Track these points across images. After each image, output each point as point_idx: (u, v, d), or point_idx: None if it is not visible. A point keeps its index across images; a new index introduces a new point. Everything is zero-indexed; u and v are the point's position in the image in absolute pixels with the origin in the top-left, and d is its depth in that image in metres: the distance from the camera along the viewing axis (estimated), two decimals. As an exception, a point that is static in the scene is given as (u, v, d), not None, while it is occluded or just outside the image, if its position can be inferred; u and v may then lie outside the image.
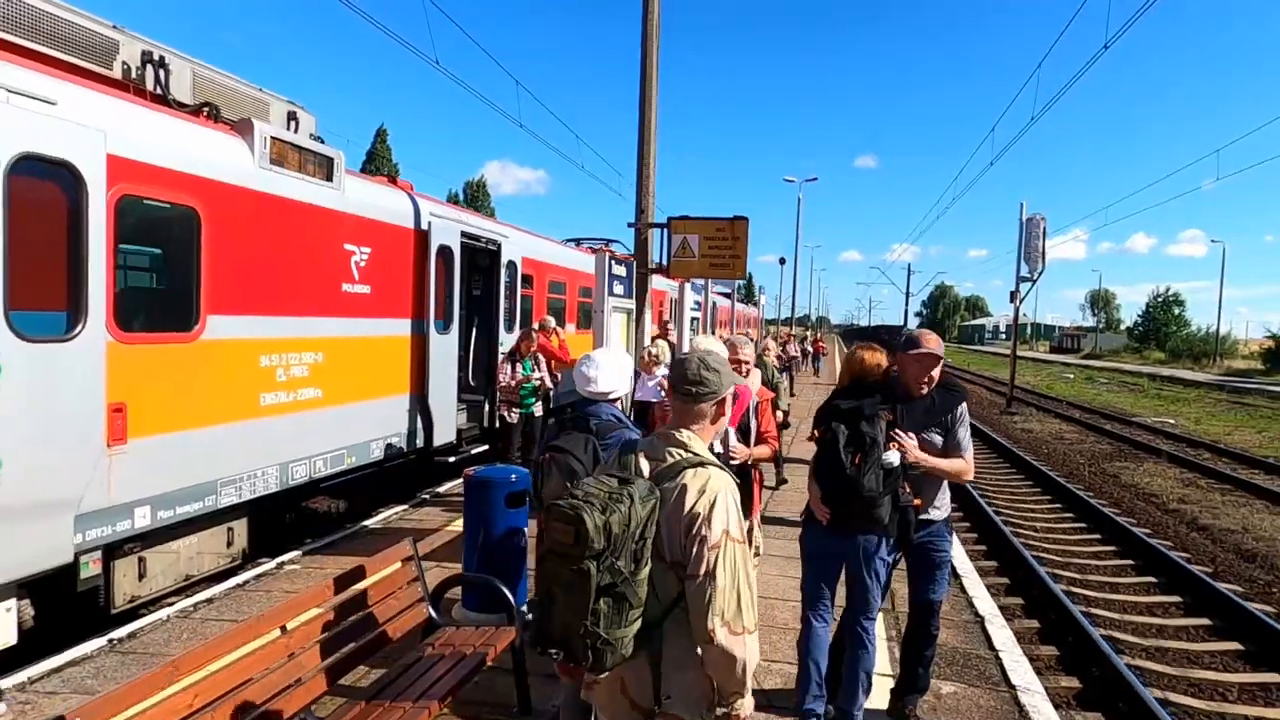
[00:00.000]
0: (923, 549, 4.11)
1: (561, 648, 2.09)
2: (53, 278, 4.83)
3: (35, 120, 4.60)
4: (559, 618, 2.07)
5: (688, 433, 2.34)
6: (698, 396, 2.36)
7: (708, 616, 2.08)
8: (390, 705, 3.24)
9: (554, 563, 2.08)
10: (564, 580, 2.05)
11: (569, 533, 2.02)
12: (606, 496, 2.08)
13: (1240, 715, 5.63)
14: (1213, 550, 9.93)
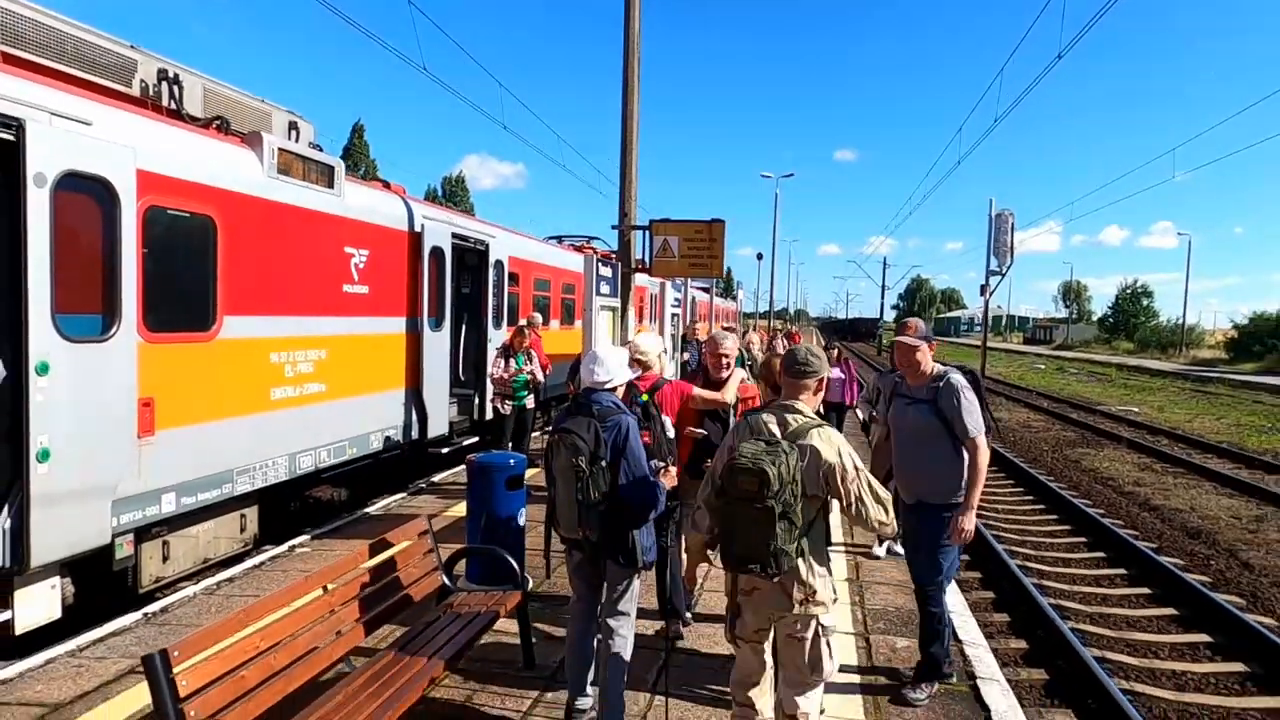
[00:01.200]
0: None
1: (748, 564, 3.02)
2: (91, 283, 5.28)
3: (76, 140, 5.05)
4: (743, 545, 3.02)
5: (799, 403, 3.32)
6: (805, 375, 3.34)
7: (868, 517, 3.15)
8: (418, 654, 3.76)
9: (738, 505, 2.99)
10: (751, 517, 2.96)
11: (754, 482, 2.92)
12: (769, 453, 2.98)
13: (1168, 670, 6.27)
14: (1160, 528, 10.63)
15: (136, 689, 4.34)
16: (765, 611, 3.26)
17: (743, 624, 3.33)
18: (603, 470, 3.52)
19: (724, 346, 5.36)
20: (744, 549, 3.02)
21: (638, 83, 8.85)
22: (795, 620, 3.23)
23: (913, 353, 4.43)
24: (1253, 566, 8.91)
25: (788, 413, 3.30)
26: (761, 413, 3.40)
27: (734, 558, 3.08)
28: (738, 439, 3.28)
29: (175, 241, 6.03)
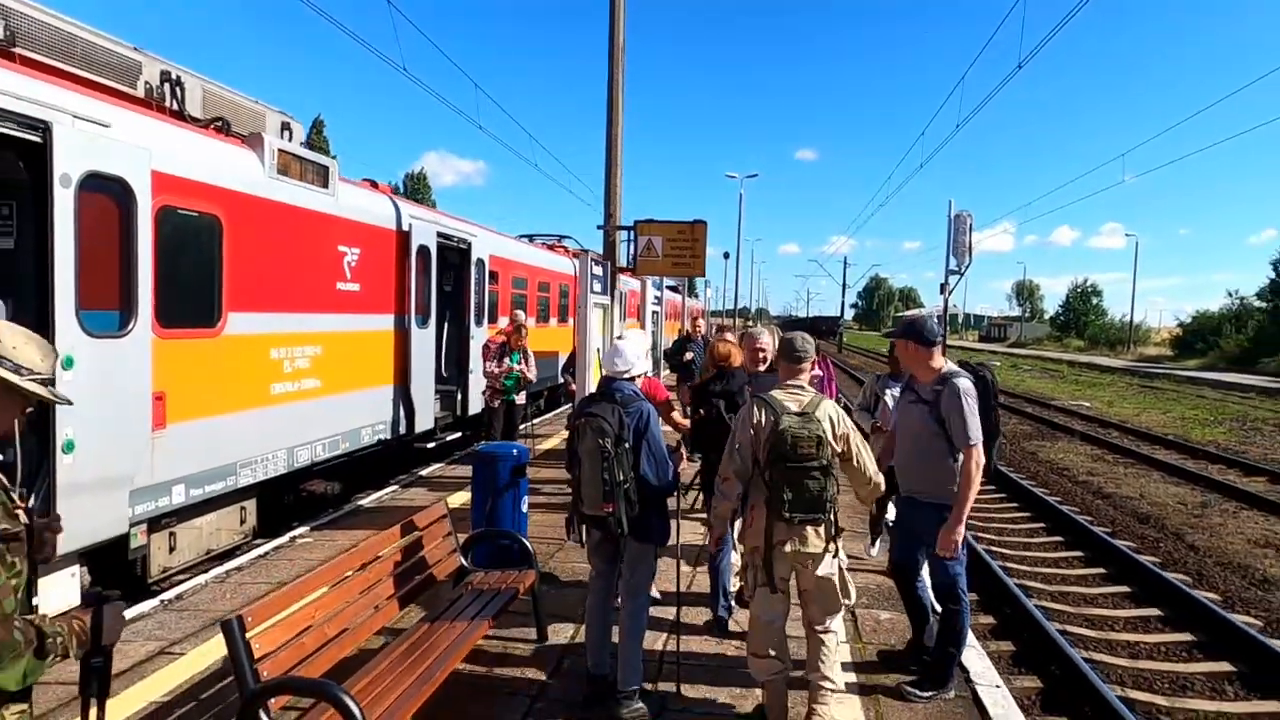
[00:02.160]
0: None
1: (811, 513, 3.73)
2: (110, 280, 5.45)
3: (97, 142, 5.23)
4: (802, 500, 3.72)
5: (802, 382, 3.99)
6: (802, 359, 4.02)
7: (868, 471, 3.95)
8: (452, 624, 4.05)
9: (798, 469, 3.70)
10: (809, 475, 3.71)
11: (812, 445, 3.71)
12: (808, 422, 3.75)
13: (1122, 640, 6.78)
14: (1113, 514, 11.25)
15: (170, 668, 4.56)
16: (792, 559, 3.82)
17: (772, 575, 3.84)
18: (626, 452, 3.85)
19: (761, 341, 5.74)
20: (805, 503, 3.72)
21: (622, 90, 9.17)
22: (822, 559, 3.82)
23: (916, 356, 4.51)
24: (1198, 548, 9.54)
25: (797, 391, 3.93)
26: (774, 392, 3.91)
27: (800, 510, 3.73)
28: (768, 416, 3.83)
29: (185, 239, 6.20)
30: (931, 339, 4.51)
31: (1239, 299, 50.19)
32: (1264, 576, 8.49)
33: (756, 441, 3.82)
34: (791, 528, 3.75)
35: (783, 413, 3.79)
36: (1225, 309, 50.96)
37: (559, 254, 19.22)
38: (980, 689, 4.63)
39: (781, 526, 3.76)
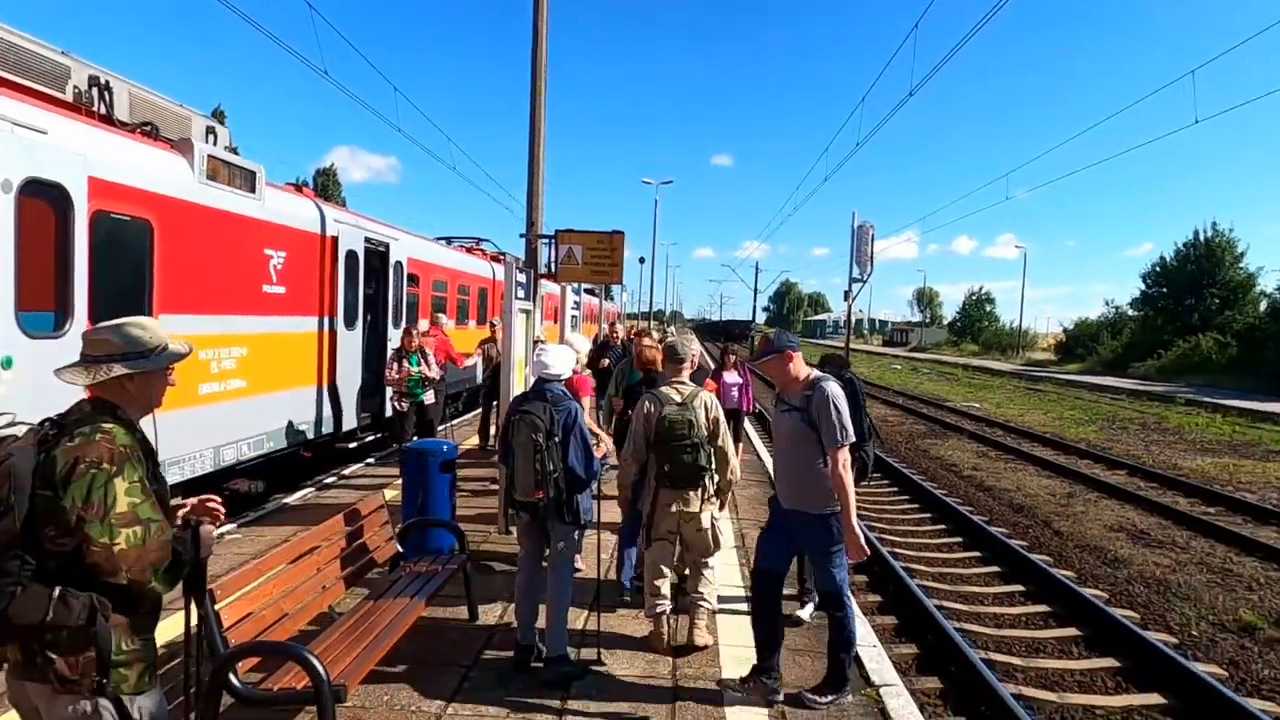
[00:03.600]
0: None
1: (687, 481, 4.81)
2: (47, 283, 5.60)
3: (36, 149, 5.39)
4: (680, 470, 4.79)
5: (684, 377, 5.06)
6: (681, 360, 5.11)
7: (728, 452, 5.01)
8: (394, 601, 4.46)
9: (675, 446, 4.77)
10: (684, 451, 4.76)
11: (685, 427, 4.78)
12: (683, 410, 4.81)
13: (990, 613, 7.66)
14: (992, 505, 12.36)
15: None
16: (676, 516, 4.92)
17: (658, 529, 4.99)
18: (556, 445, 4.35)
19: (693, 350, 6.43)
20: (682, 473, 4.80)
21: (544, 104, 9.62)
22: (700, 516, 4.94)
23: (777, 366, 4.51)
24: (1061, 533, 10.65)
25: (679, 385, 5.02)
26: (661, 388, 4.94)
27: (678, 480, 4.82)
28: (656, 407, 4.88)
29: (118, 243, 6.36)
30: (787, 347, 4.51)
31: (1115, 308, 54.10)
32: (1114, 557, 9.60)
33: (648, 427, 4.85)
34: (674, 492, 4.83)
35: (666, 403, 4.87)
36: (1103, 317, 54.82)
37: (477, 257, 19.49)
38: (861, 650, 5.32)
39: (666, 491, 4.85)
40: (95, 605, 2.17)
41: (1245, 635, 7.28)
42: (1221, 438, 20.71)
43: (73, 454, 2.17)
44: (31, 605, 2.11)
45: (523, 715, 4.24)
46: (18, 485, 2.12)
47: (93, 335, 2.42)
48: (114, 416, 2.33)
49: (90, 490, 2.14)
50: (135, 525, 2.18)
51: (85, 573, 2.15)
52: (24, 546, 2.13)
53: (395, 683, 4.49)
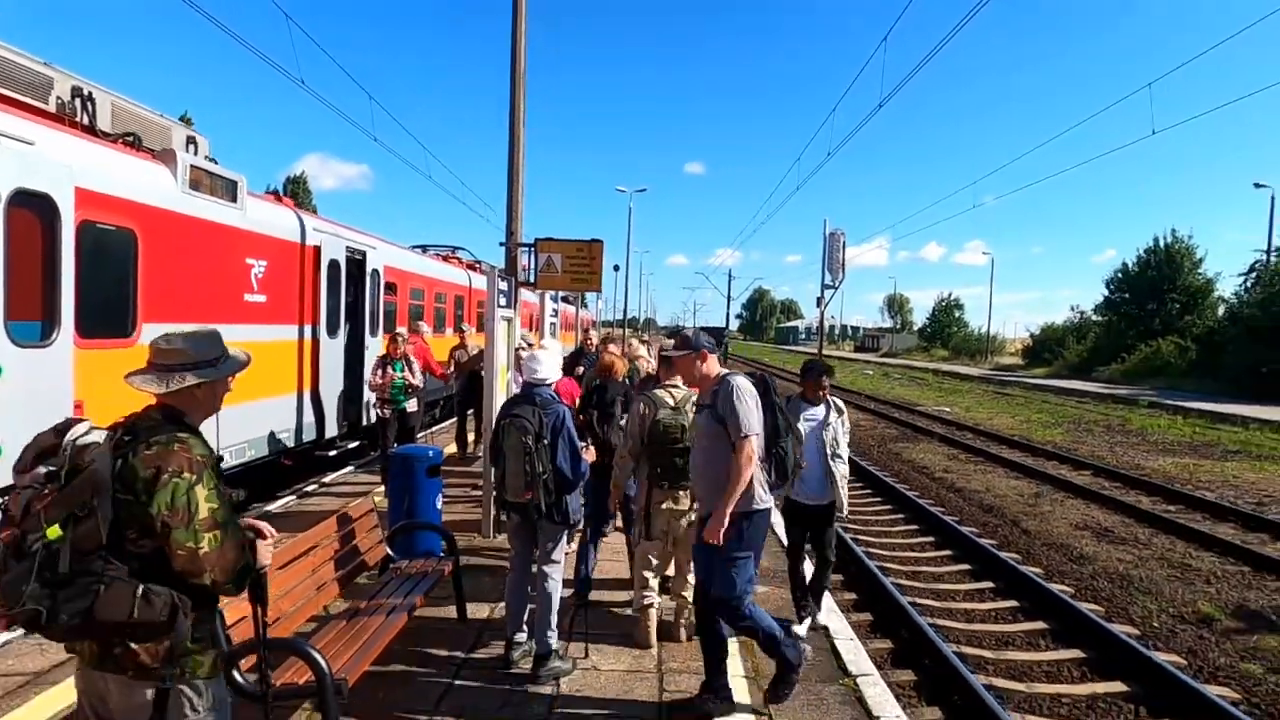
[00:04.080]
0: None
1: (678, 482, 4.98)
2: (35, 292, 5.65)
3: (24, 160, 5.44)
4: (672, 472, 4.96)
5: (677, 381, 5.14)
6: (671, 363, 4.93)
7: None
8: (387, 601, 4.57)
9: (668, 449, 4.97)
10: (676, 454, 4.93)
11: (677, 431, 4.95)
12: (676, 414, 5.01)
13: (963, 610, 7.90)
14: (962, 505, 12.66)
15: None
16: (667, 514, 5.10)
17: (653, 528, 5.11)
18: (545, 447, 4.49)
19: None
20: (673, 474, 4.99)
21: (523, 116, 9.77)
22: (690, 514, 5.07)
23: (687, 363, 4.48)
24: (1029, 532, 10.96)
25: (673, 389, 5.18)
26: (655, 391, 5.09)
27: (669, 479, 5.03)
28: (651, 409, 5.07)
29: (103, 253, 6.41)
30: (702, 347, 4.43)
31: (1080, 313, 55.21)
32: (1080, 553, 9.91)
33: (642, 428, 5.04)
34: (666, 492, 5.04)
35: (661, 407, 5.07)
36: (1068, 322, 55.91)
37: (453, 265, 19.55)
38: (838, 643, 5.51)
39: (658, 491, 5.04)
40: (176, 602, 2.30)
41: (1203, 626, 7.58)
42: (1182, 439, 21.29)
43: (153, 463, 2.29)
44: (118, 603, 2.22)
45: (514, 710, 4.37)
46: (100, 491, 2.24)
47: (164, 345, 2.53)
48: (185, 425, 2.46)
49: (174, 498, 2.27)
50: (216, 530, 2.33)
51: (165, 572, 2.29)
52: (107, 548, 2.24)
53: (390, 680, 4.61)
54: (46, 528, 2.18)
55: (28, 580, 2.16)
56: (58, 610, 2.18)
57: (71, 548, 2.20)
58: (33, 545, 2.18)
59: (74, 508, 2.22)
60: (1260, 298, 34.02)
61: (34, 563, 2.17)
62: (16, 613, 2.18)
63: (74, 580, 2.20)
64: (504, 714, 4.31)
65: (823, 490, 5.87)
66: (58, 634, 2.28)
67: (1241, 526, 11.45)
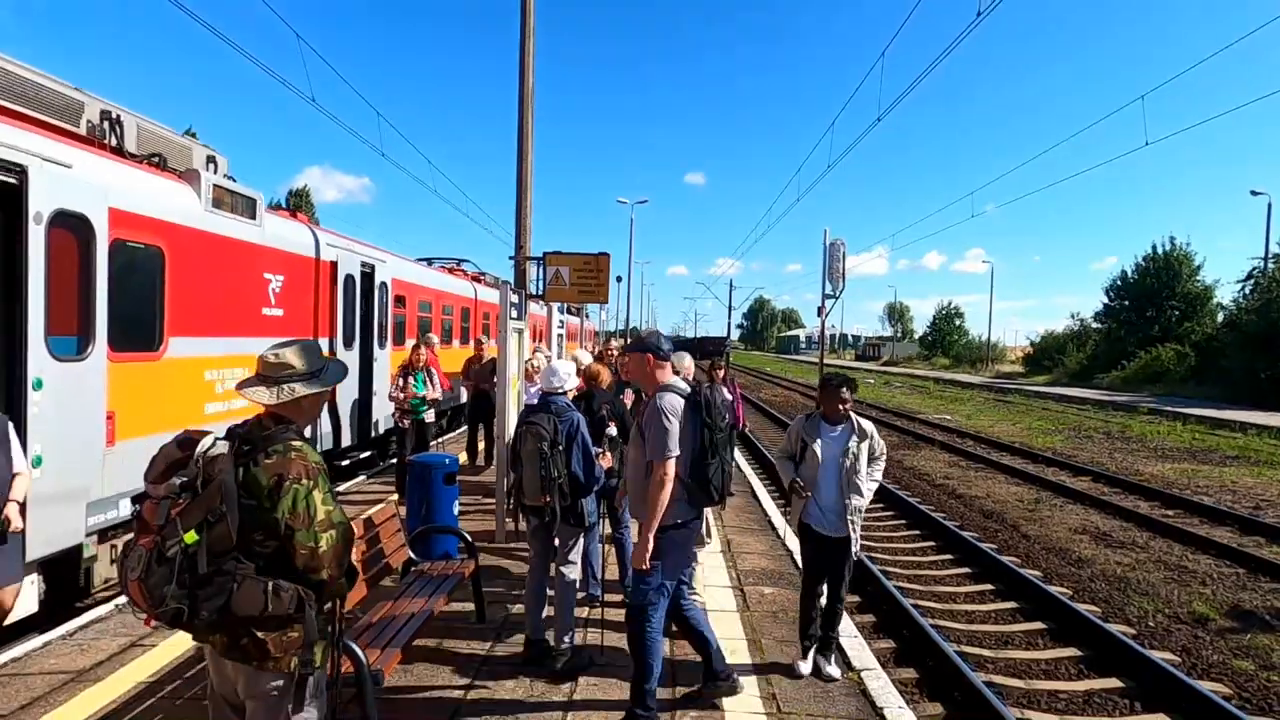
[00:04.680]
0: None
1: None
2: (71, 308, 5.90)
3: (63, 182, 5.71)
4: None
5: None
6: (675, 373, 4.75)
7: None
8: (413, 599, 4.80)
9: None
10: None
11: None
12: None
13: (964, 611, 8.11)
14: (963, 511, 12.88)
15: (145, 658, 5.09)
16: None
17: None
18: (560, 453, 4.74)
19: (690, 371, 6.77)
20: None
21: (532, 136, 10.08)
22: None
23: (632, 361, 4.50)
24: (1029, 536, 11.18)
25: None
26: None
27: None
28: None
29: (134, 270, 6.67)
30: (650, 350, 4.37)
31: (1079, 320, 55.45)
32: (1078, 557, 10.13)
33: None
34: None
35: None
36: (1068, 329, 56.13)
37: (459, 277, 19.85)
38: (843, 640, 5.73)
39: None
40: (301, 596, 2.56)
41: (1198, 625, 7.79)
42: (1181, 445, 21.52)
43: (274, 471, 2.53)
44: (251, 598, 2.48)
45: (535, 702, 4.59)
46: (228, 498, 2.48)
47: (273, 358, 2.78)
48: (296, 434, 2.70)
49: (295, 503, 2.51)
50: (331, 530, 2.58)
51: (287, 569, 2.54)
52: (237, 549, 2.50)
53: (418, 675, 4.85)
54: (184, 533, 2.43)
55: (170, 582, 2.41)
56: (198, 608, 2.43)
57: (206, 550, 2.45)
58: (170, 550, 2.43)
59: (207, 514, 2.47)
60: (1258, 304, 34.26)
61: (174, 566, 2.41)
62: (161, 612, 2.44)
63: (211, 580, 2.45)
64: (526, 707, 4.53)
65: (839, 523, 5.13)
66: (199, 629, 2.53)
67: (1238, 530, 11.66)
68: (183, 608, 2.42)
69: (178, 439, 2.63)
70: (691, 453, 4.15)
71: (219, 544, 2.46)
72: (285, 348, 2.82)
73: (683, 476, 4.16)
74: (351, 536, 2.69)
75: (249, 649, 2.55)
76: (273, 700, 2.61)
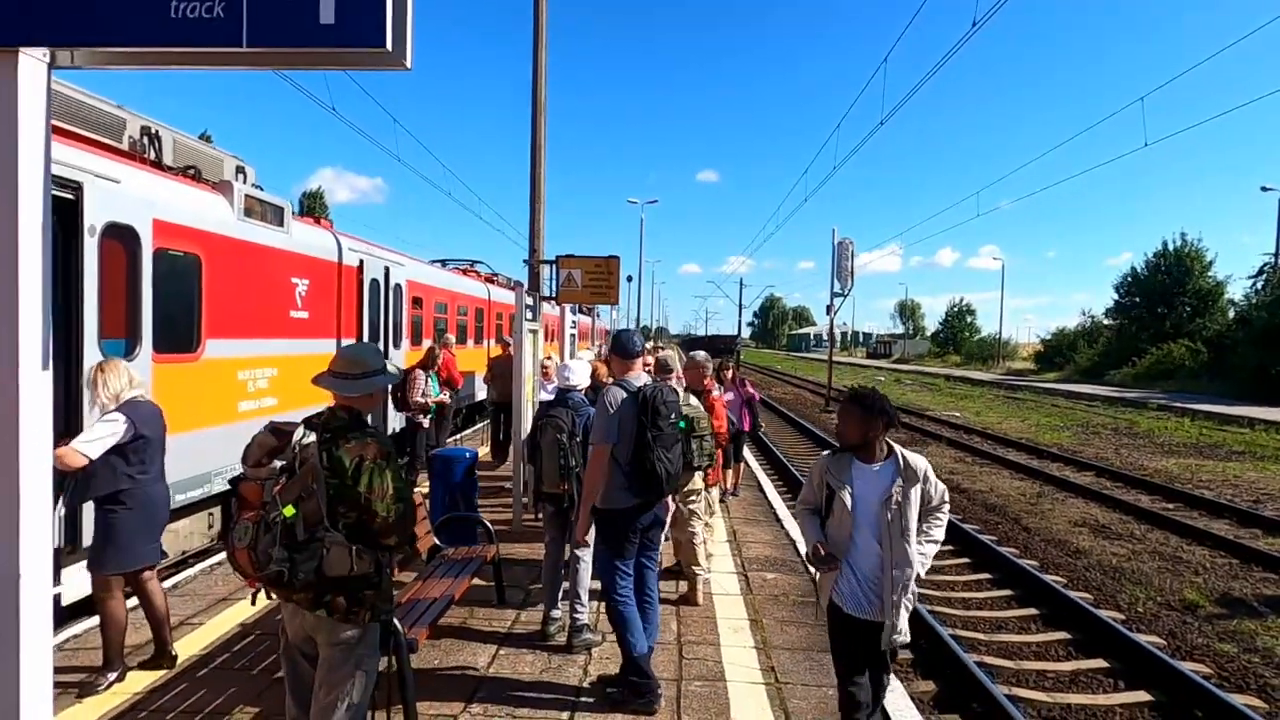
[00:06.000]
0: None
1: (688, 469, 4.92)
2: (120, 314, 6.35)
3: (113, 196, 6.16)
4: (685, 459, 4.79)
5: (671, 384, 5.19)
6: (670, 370, 5.53)
7: None
8: (440, 580, 5.22)
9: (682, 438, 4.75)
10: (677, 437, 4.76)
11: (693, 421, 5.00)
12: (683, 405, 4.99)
13: (961, 598, 8.47)
14: (967, 505, 13.20)
15: (194, 634, 5.53)
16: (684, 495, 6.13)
17: None
18: (577, 445, 5.14)
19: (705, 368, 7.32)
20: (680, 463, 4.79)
21: (544, 141, 10.49)
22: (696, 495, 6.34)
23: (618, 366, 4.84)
24: (1029, 529, 11.51)
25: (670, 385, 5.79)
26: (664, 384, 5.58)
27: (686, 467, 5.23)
28: None
29: (175, 277, 7.12)
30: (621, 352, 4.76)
31: (1090, 317, 55.44)
32: (1076, 548, 10.45)
33: None
34: None
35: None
36: (1080, 326, 56.13)
37: (473, 278, 20.29)
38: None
39: None
40: (380, 558, 3.04)
41: (1187, 612, 8.12)
42: (1188, 440, 21.72)
43: (355, 453, 2.99)
44: (340, 561, 2.94)
45: (552, 675, 5.00)
46: (318, 477, 2.94)
47: (350, 359, 3.24)
48: (367, 422, 3.16)
49: (372, 480, 2.97)
50: (399, 503, 3.03)
51: (364, 536, 2.99)
52: (326, 520, 2.94)
53: (444, 649, 5.27)
54: (283, 508, 2.90)
55: (274, 547, 2.87)
56: (296, 570, 2.88)
57: (302, 521, 2.90)
58: (274, 520, 2.89)
59: (301, 491, 2.93)
60: (1269, 300, 34.30)
61: (276, 534, 2.88)
62: (266, 574, 2.90)
63: (307, 546, 2.89)
64: (543, 679, 4.94)
65: (871, 600, 3.67)
66: (295, 587, 2.94)
67: (1236, 522, 11.94)
68: (283, 570, 2.87)
69: (269, 428, 3.09)
70: (630, 446, 4.44)
71: (311, 516, 2.91)
72: (358, 350, 3.28)
73: (623, 466, 4.46)
74: (414, 508, 3.13)
75: (333, 604, 3.00)
76: (348, 648, 3.07)
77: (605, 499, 4.55)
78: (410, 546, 3.21)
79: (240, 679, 4.87)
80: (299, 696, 3.28)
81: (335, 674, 3.11)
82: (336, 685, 3.11)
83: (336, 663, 3.10)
